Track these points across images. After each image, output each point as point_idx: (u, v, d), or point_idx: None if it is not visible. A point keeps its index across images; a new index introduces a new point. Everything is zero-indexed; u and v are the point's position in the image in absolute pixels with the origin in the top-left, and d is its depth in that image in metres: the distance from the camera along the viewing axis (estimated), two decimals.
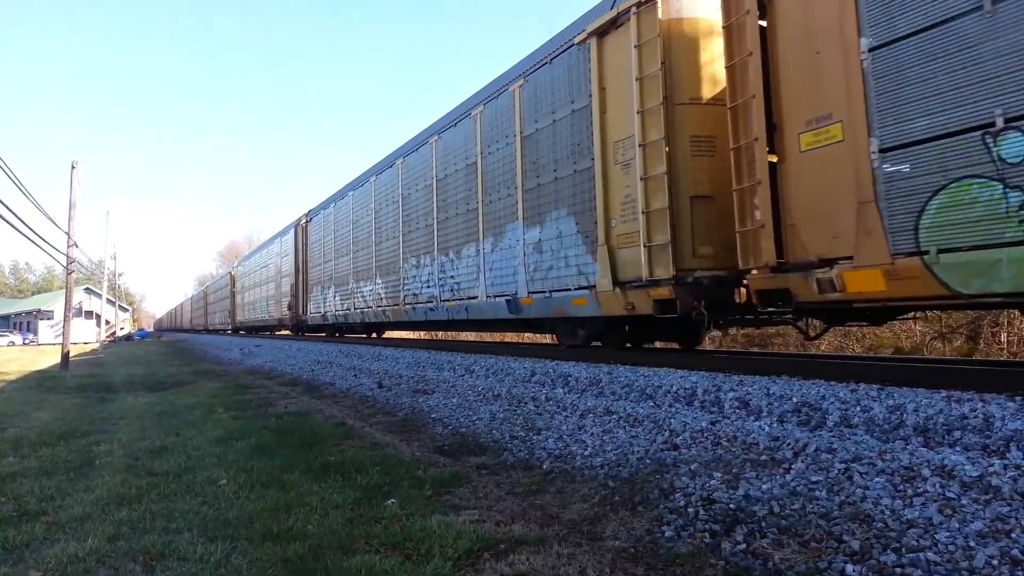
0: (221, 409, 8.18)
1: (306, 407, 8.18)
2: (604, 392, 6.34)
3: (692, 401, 5.42)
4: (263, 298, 30.20)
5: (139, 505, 4.01)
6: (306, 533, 3.40)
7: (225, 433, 6.33)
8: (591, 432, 5.00)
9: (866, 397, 4.46)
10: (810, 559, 2.67)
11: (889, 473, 3.18)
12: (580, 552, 3.03)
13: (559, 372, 7.37)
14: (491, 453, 5.13)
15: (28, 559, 3.21)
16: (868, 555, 2.60)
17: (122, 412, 8.50)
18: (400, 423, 6.71)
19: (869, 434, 3.95)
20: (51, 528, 3.65)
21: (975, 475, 2.98)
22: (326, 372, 12.04)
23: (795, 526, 2.95)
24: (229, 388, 11.02)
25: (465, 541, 3.15)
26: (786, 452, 3.74)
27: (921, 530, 2.67)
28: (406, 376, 9.35)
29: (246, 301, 34.81)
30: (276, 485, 4.35)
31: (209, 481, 4.51)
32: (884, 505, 2.92)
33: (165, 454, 5.50)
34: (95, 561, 3.13)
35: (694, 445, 4.22)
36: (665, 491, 3.62)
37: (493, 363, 8.93)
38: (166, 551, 3.20)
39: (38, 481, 4.70)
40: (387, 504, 3.83)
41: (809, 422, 4.42)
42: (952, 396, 4.17)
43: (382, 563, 2.95)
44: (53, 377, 15.39)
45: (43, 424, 7.53)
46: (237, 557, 3.09)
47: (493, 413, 6.25)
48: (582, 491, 3.95)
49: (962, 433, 3.67)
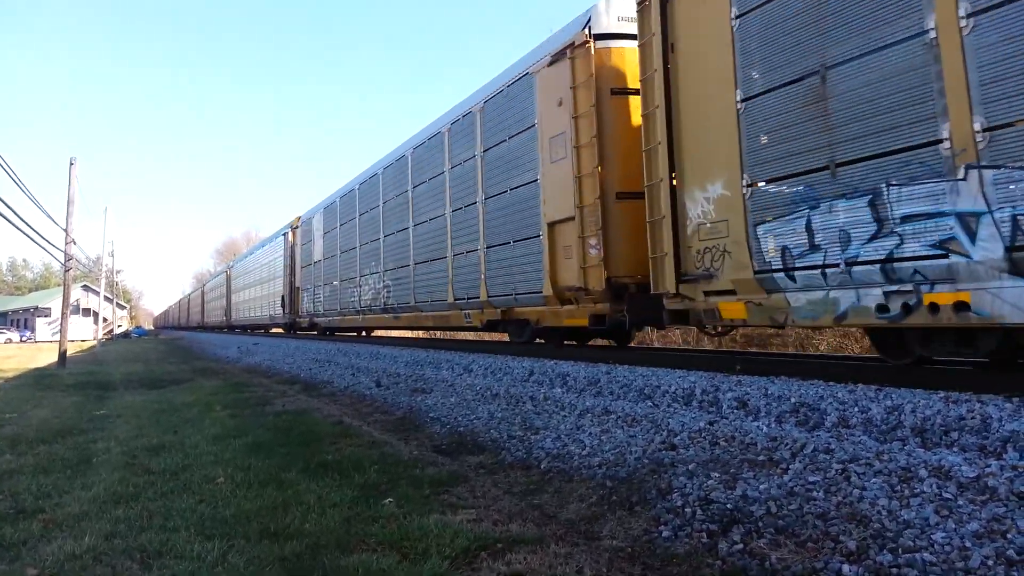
0: (219, 407, 8.18)
1: (304, 405, 8.17)
2: (602, 392, 6.34)
3: (690, 401, 5.42)
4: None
5: (136, 503, 4.01)
6: (303, 531, 3.40)
7: (223, 431, 6.33)
8: (589, 432, 5.00)
9: (864, 398, 4.46)
10: (807, 559, 2.68)
11: (886, 474, 3.19)
12: (577, 551, 3.03)
13: (557, 372, 7.37)
14: (489, 452, 5.13)
15: (25, 556, 3.21)
16: (864, 555, 2.61)
17: (120, 410, 8.50)
18: (398, 422, 6.71)
19: (867, 435, 3.96)
20: (48, 526, 3.65)
21: (972, 476, 2.99)
22: (324, 371, 12.04)
23: (792, 526, 2.96)
24: (227, 386, 11.02)
25: (462, 540, 3.15)
26: (784, 452, 3.74)
27: (917, 530, 2.67)
28: (404, 375, 9.35)
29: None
30: (274, 483, 4.34)
31: (206, 479, 4.51)
32: (881, 505, 2.92)
33: (163, 452, 5.50)
34: (92, 559, 3.13)
35: (692, 445, 4.22)
36: (663, 491, 3.62)
37: (491, 362, 8.93)
38: (163, 549, 3.20)
39: (35, 479, 4.70)
40: (385, 503, 3.83)
41: (807, 422, 4.42)
42: (950, 397, 4.18)
43: (379, 562, 2.95)
44: (51, 375, 15.39)
45: (41, 421, 7.52)
46: (234, 555, 3.09)
47: (491, 412, 6.26)
48: (580, 491, 3.95)
49: (959, 434, 3.68)
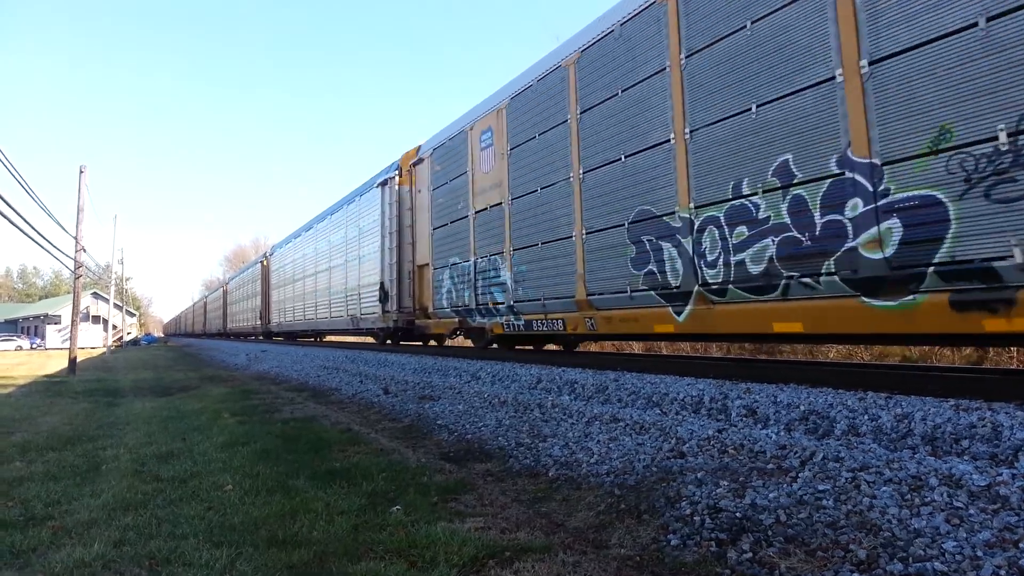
0: (227, 414, 8.21)
1: (312, 413, 8.19)
2: (611, 399, 6.33)
3: (699, 409, 5.40)
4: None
5: (145, 510, 4.03)
6: (311, 539, 3.40)
7: (231, 438, 6.34)
8: (597, 439, 4.99)
9: (874, 406, 4.43)
10: (816, 568, 2.66)
11: (896, 482, 3.16)
12: (585, 560, 3.02)
13: (565, 379, 7.36)
14: (497, 460, 5.12)
15: (35, 564, 3.23)
16: (875, 564, 2.59)
17: (129, 417, 8.54)
18: (406, 429, 6.72)
19: (877, 443, 3.93)
20: (57, 533, 3.67)
21: (983, 484, 2.96)
22: (332, 378, 12.06)
23: (802, 535, 2.94)
24: (235, 393, 11.05)
25: (470, 548, 3.14)
26: (793, 461, 3.72)
27: (928, 539, 2.65)
28: (412, 382, 9.35)
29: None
30: (281, 491, 4.35)
31: (215, 486, 4.52)
32: (891, 514, 2.90)
33: (171, 459, 5.52)
34: (101, 566, 3.14)
35: (701, 453, 4.21)
36: (671, 499, 3.61)
37: (499, 369, 8.93)
38: (172, 556, 3.21)
39: (45, 486, 4.73)
40: (392, 511, 3.83)
41: (816, 430, 4.40)
42: (960, 405, 4.14)
43: (387, 570, 2.95)
44: (61, 382, 15.48)
45: (51, 429, 7.57)
46: (242, 563, 3.10)
47: (499, 420, 6.25)
48: (588, 499, 3.94)
49: (970, 442, 3.65)
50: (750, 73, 6.13)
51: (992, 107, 4.38)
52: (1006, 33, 4.33)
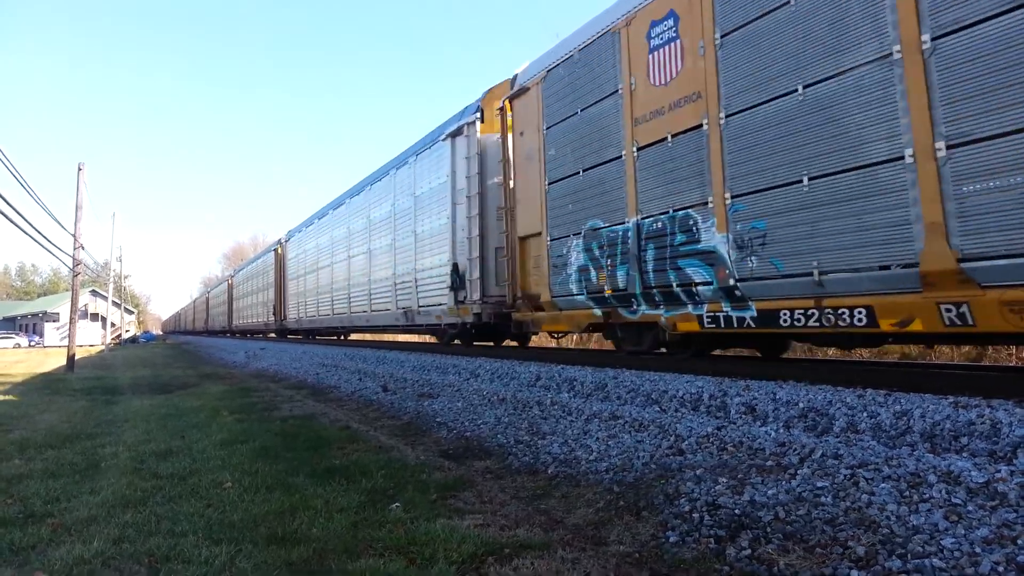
0: (226, 412, 8.20)
1: (311, 410, 8.19)
2: (610, 396, 6.33)
3: (698, 406, 5.41)
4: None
5: (144, 507, 4.02)
6: (310, 536, 3.40)
7: (230, 436, 6.34)
8: (596, 437, 4.99)
9: (873, 403, 4.44)
10: (815, 565, 2.66)
11: (895, 479, 3.17)
12: (584, 557, 3.02)
13: (564, 376, 7.36)
14: (496, 457, 5.12)
15: (34, 561, 3.22)
16: (873, 561, 2.59)
17: (128, 415, 8.53)
18: (405, 427, 6.72)
19: (876, 440, 3.93)
20: (57, 530, 3.66)
21: (981, 481, 2.97)
22: (331, 375, 12.06)
23: (800, 532, 2.94)
24: (234, 391, 11.05)
25: (469, 545, 3.14)
26: (792, 458, 3.72)
27: (927, 536, 2.66)
28: (411, 380, 9.36)
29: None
30: (281, 488, 4.35)
31: (214, 484, 4.52)
32: (890, 511, 2.90)
33: (170, 457, 5.52)
34: (100, 563, 3.14)
35: (700, 450, 4.21)
36: (670, 496, 3.61)
37: (498, 367, 8.93)
38: (171, 554, 3.21)
39: (44, 483, 4.72)
40: (391, 508, 3.83)
41: (815, 428, 4.40)
42: (959, 402, 4.15)
43: (386, 567, 2.95)
44: (59, 379, 15.46)
45: (49, 426, 7.56)
46: (242, 560, 3.10)
47: (498, 417, 6.25)
48: (587, 496, 3.94)
49: (969, 439, 3.65)
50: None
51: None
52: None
